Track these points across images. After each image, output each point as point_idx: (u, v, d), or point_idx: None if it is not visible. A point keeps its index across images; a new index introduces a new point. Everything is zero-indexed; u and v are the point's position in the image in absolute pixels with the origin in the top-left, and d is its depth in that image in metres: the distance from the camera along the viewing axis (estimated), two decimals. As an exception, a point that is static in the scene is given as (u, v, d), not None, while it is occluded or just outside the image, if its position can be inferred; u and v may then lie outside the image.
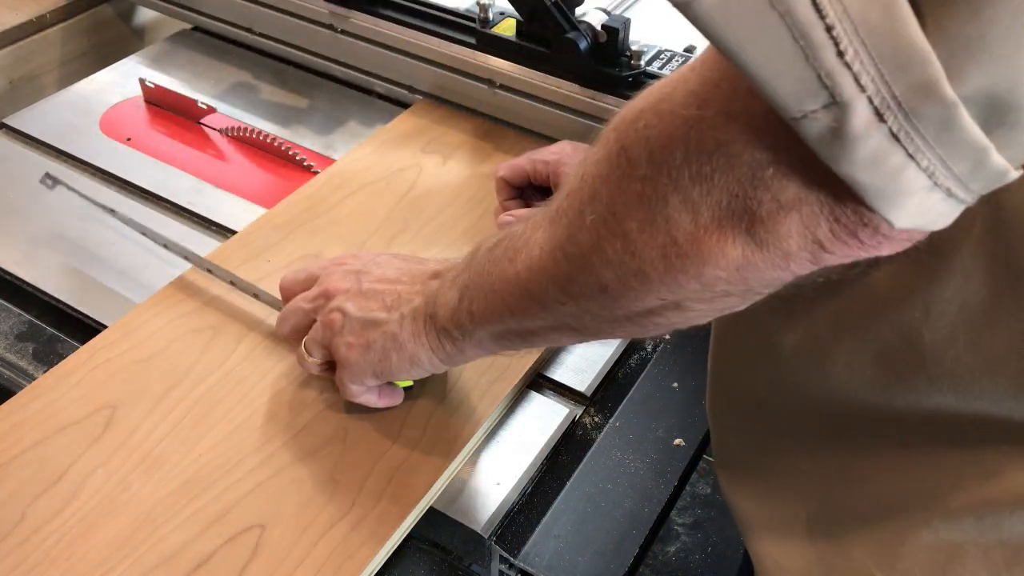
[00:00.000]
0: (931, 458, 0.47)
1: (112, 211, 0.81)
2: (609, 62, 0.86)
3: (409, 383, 0.67)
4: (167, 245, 0.78)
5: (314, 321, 0.64)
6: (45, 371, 0.70)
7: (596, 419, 0.71)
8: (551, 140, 0.86)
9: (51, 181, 0.83)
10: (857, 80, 0.29)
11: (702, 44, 0.34)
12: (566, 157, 0.80)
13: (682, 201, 0.37)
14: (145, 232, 0.79)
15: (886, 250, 0.35)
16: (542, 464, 0.68)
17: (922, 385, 0.45)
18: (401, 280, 0.61)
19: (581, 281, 0.44)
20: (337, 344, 0.61)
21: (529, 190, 0.83)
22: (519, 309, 0.50)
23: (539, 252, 0.47)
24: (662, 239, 0.38)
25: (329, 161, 0.94)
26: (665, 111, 0.37)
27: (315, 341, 0.63)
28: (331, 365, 0.64)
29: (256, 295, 0.73)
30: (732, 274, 0.37)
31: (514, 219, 0.80)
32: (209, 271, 0.75)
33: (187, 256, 0.76)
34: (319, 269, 0.66)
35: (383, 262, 0.64)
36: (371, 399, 0.64)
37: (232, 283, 0.74)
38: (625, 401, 0.72)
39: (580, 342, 0.75)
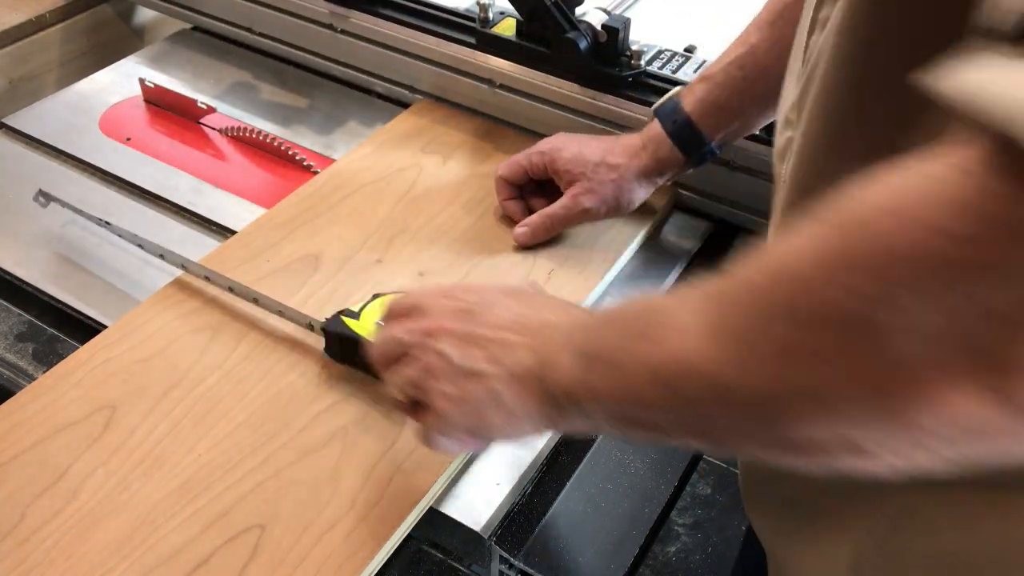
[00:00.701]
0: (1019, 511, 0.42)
1: (107, 223, 0.81)
2: (609, 62, 0.86)
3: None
4: (163, 255, 0.77)
5: (407, 353, 0.56)
6: (45, 371, 0.70)
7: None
8: (551, 140, 0.86)
9: (44, 199, 0.83)
10: None
11: (702, 44, 0.33)
12: (560, 145, 0.80)
13: (914, 327, 0.30)
14: (141, 244, 0.79)
15: None
16: (542, 464, 0.68)
17: None
18: (511, 328, 0.53)
19: (745, 392, 0.37)
20: (433, 391, 0.54)
21: (529, 186, 0.83)
22: (652, 401, 0.42)
23: (694, 344, 0.39)
24: (867, 365, 0.32)
25: (329, 161, 0.94)
26: (915, 219, 0.30)
27: (408, 379, 0.56)
28: (416, 404, 0.57)
29: (256, 300, 0.73)
30: (950, 429, 0.31)
31: (528, 229, 0.81)
32: (207, 278, 0.75)
33: (184, 265, 0.76)
34: (425, 298, 0.58)
35: (494, 301, 0.56)
36: (452, 446, 0.57)
37: (231, 289, 0.74)
38: (625, 401, 0.72)
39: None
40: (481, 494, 0.65)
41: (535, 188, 0.84)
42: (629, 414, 0.45)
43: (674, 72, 0.87)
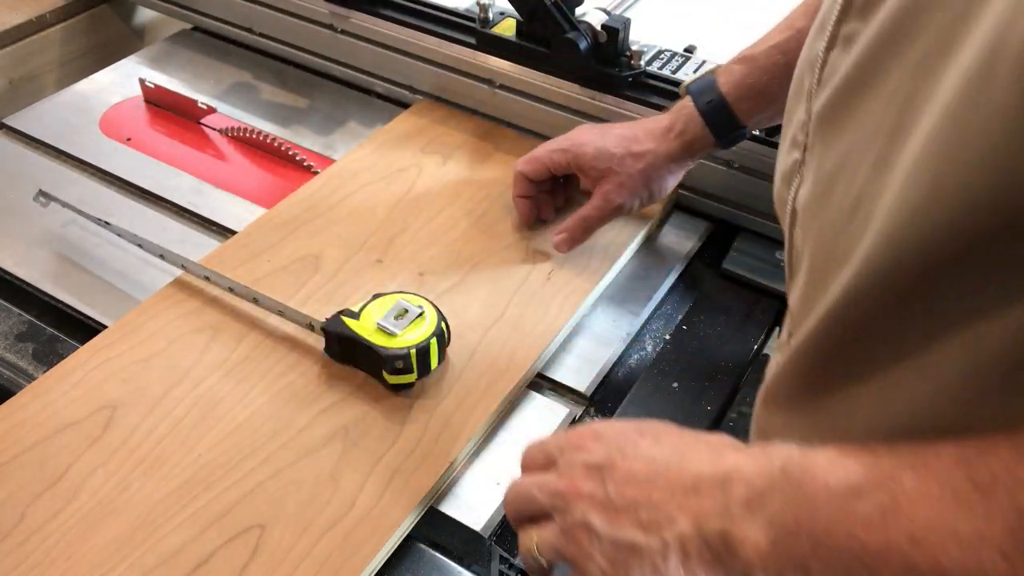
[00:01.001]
0: None
1: (107, 223, 0.81)
2: (609, 62, 0.86)
3: (411, 379, 0.67)
4: (163, 256, 0.77)
5: (546, 515, 0.49)
6: (45, 371, 0.70)
7: (596, 419, 0.71)
8: (551, 140, 0.86)
9: (44, 199, 0.83)
10: None
11: (702, 44, 0.32)
12: (582, 140, 0.78)
13: None
14: (141, 243, 0.79)
15: None
16: (542, 464, 0.68)
17: None
18: (656, 483, 0.46)
19: None
20: (588, 568, 0.47)
21: (546, 184, 0.82)
22: None
23: (1006, 569, 0.33)
24: None
25: (329, 161, 0.94)
26: None
27: (552, 547, 0.49)
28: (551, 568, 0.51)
29: (256, 300, 0.73)
30: None
31: (567, 235, 0.79)
32: (207, 278, 0.75)
33: (184, 265, 0.76)
34: (558, 450, 0.51)
35: (630, 449, 0.48)
36: None
37: (231, 289, 0.74)
38: (625, 401, 0.72)
39: None
40: (481, 494, 0.65)
41: (550, 184, 0.83)
42: None
43: (674, 72, 0.87)
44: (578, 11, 0.87)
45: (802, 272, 0.48)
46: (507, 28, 0.92)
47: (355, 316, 0.69)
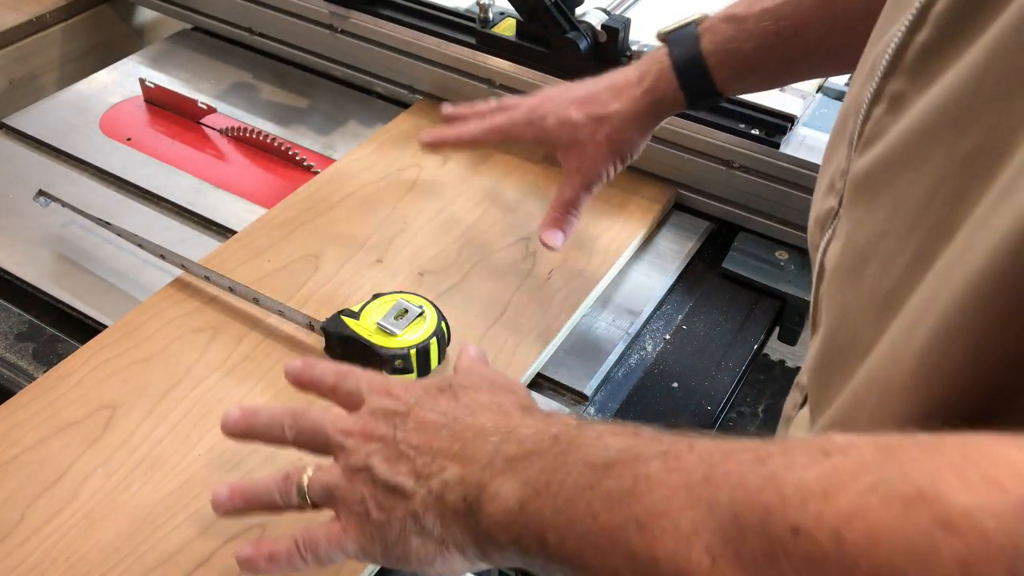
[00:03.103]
0: None
1: (107, 224, 0.81)
2: (609, 62, 0.86)
3: (411, 379, 0.67)
4: (164, 256, 0.77)
5: (330, 450, 0.50)
6: (45, 371, 0.70)
7: (596, 419, 0.71)
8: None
9: (44, 199, 0.83)
10: None
11: None
12: (543, 111, 0.72)
13: None
14: (141, 243, 0.79)
15: None
16: (542, 464, 0.68)
17: None
18: (439, 433, 0.46)
19: None
20: (353, 508, 0.47)
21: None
22: None
23: (708, 567, 0.32)
24: None
25: (329, 161, 0.94)
26: None
27: (324, 486, 0.48)
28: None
29: (256, 300, 0.73)
30: None
31: (558, 230, 0.72)
32: (207, 278, 0.75)
33: (184, 265, 0.76)
34: (368, 391, 0.51)
35: (428, 402, 0.48)
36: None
37: (231, 289, 0.74)
38: (625, 401, 0.72)
39: None
40: (481, 494, 0.65)
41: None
42: None
43: (674, 72, 0.87)
44: (578, 11, 0.87)
45: (820, 335, 0.46)
46: (507, 28, 0.92)
47: (355, 316, 0.69)
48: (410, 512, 0.45)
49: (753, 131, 0.83)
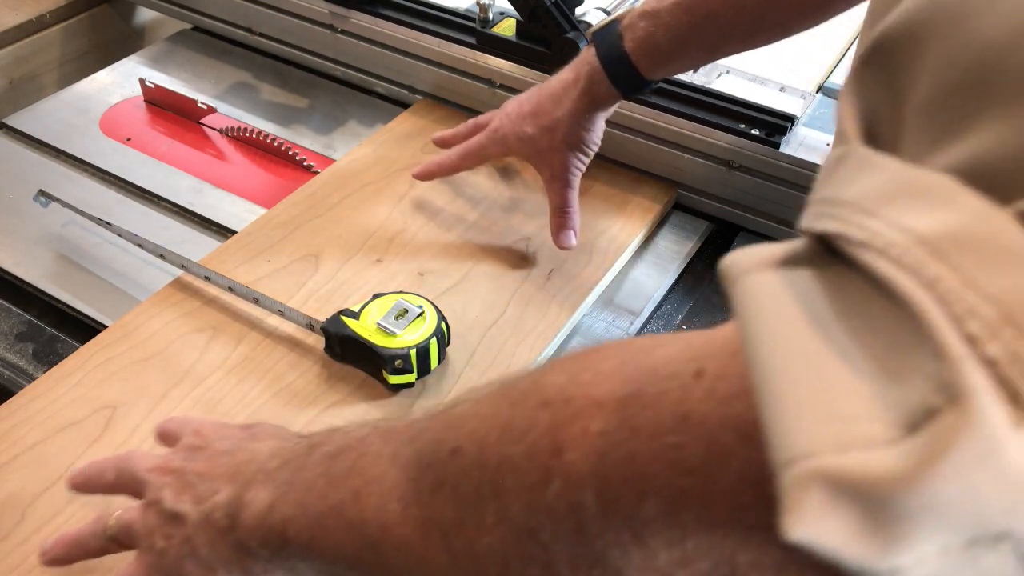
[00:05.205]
0: None
1: (107, 223, 0.81)
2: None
3: (411, 379, 0.67)
4: (163, 255, 0.77)
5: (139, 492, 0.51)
6: (45, 371, 0.70)
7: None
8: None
9: (44, 199, 0.83)
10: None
11: None
12: (506, 131, 0.78)
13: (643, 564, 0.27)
14: (141, 243, 0.79)
15: None
16: (542, 464, 0.68)
17: None
18: (221, 460, 0.47)
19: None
20: (145, 544, 0.48)
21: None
22: (360, 561, 0.38)
23: (400, 512, 0.35)
24: None
25: (329, 161, 0.94)
26: (640, 427, 0.27)
27: (125, 524, 0.50)
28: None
29: (256, 300, 0.73)
30: None
31: (571, 232, 0.78)
32: (207, 278, 0.75)
33: (184, 265, 0.76)
34: (190, 432, 0.52)
35: (225, 435, 0.50)
36: None
37: (231, 289, 0.74)
38: (625, 401, 0.72)
39: None
40: (481, 494, 0.65)
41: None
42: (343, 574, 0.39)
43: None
44: (578, 11, 0.87)
45: None
46: (507, 28, 0.92)
47: (355, 316, 0.69)
48: (185, 537, 0.45)
49: (753, 131, 0.83)
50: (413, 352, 0.66)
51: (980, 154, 0.22)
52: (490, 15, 0.93)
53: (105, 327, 0.73)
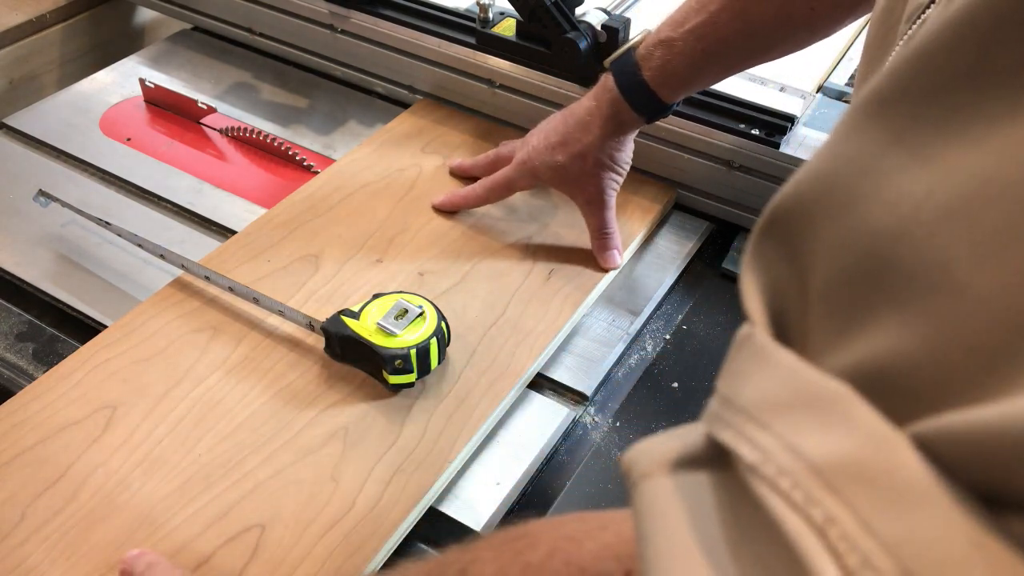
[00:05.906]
0: None
1: (107, 223, 0.81)
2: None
3: (411, 379, 0.67)
4: (163, 256, 0.77)
5: None
6: (45, 371, 0.70)
7: (596, 419, 0.71)
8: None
9: (44, 199, 0.83)
10: None
11: None
12: (536, 161, 0.79)
13: None
14: (141, 243, 0.79)
15: None
16: (542, 464, 0.68)
17: None
18: None
19: None
20: None
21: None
22: None
23: None
24: None
25: (329, 161, 0.94)
26: None
27: None
28: None
29: (256, 300, 0.73)
30: None
31: (616, 252, 0.80)
32: (207, 278, 0.75)
33: (184, 265, 0.76)
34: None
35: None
36: None
37: (231, 289, 0.74)
38: (625, 401, 0.72)
39: None
40: (481, 494, 0.65)
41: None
42: None
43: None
44: (578, 11, 0.87)
45: None
46: (507, 28, 0.92)
47: (355, 316, 0.69)
48: None
49: (753, 131, 0.83)
50: (413, 352, 0.66)
51: (879, 355, 0.21)
52: (490, 15, 0.93)
53: (105, 327, 0.73)
